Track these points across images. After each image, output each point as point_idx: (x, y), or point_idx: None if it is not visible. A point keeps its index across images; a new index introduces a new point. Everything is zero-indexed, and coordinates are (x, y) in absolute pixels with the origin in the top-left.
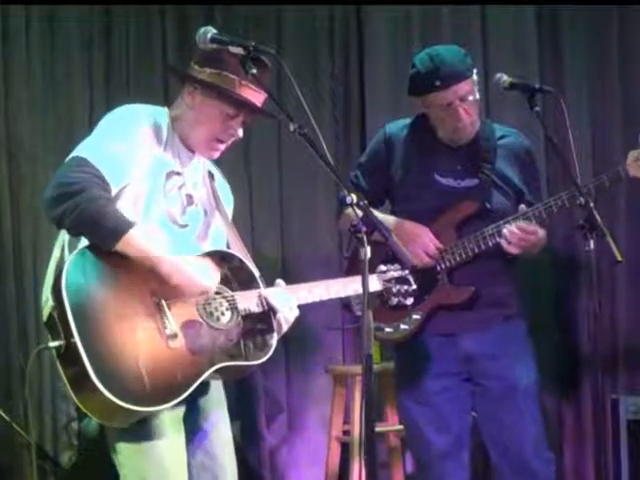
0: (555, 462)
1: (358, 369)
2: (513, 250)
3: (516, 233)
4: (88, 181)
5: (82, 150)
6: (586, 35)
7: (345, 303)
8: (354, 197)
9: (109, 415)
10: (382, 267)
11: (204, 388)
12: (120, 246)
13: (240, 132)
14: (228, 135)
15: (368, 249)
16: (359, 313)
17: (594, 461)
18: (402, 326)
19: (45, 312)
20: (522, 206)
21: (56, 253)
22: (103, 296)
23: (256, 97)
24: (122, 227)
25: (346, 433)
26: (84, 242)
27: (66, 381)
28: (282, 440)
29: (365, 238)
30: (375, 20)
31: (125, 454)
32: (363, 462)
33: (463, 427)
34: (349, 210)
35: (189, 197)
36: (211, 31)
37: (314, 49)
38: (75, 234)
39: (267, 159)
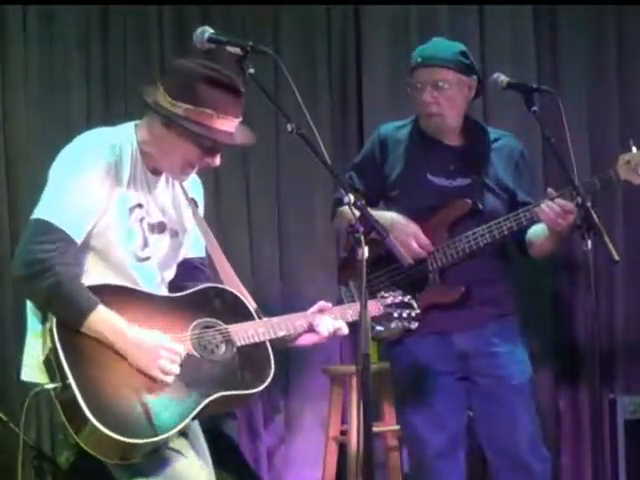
0: (552, 460)
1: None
2: (554, 227)
3: (555, 209)
4: (54, 255)
5: (42, 211)
6: (584, 35)
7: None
8: (352, 197)
9: (112, 452)
10: (383, 293)
11: None
12: (84, 329)
13: (218, 161)
14: (204, 164)
15: (366, 249)
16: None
17: (592, 460)
18: (393, 325)
19: (43, 352)
20: (549, 190)
21: None
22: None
23: (233, 125)
24: (84, 313)
25: (344, 433)
26: None
27: (66, 422)
28: (280, 440)
29: (363, 238)
30: (373, 20)
31: None
32: (360, 462)
33: (459, 426)
34: (344, 208)
35: (152, 226)
36: (208, 31)
37: (312, 49)
38: (43, 311)
39: (265, 161)
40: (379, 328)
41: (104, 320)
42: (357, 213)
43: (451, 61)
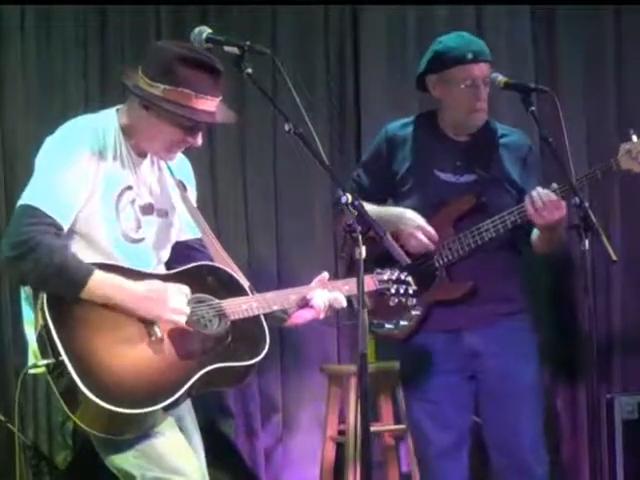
0: (549, 462)
1: (353, 368)
2: (537, 219)
3: (543, 197)
4: (41, 232)
5: (29, 197)
6: (581, 35)
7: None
8: (349, 197)
9: (106, 425)
10: (379, 270)
11: None
12: (84, 295)
13: (199, 140)
14: (187, 144)
15: (363, 249)
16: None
17: (589, 460)
18: (402, 322)
19: (36, 332)
20: (554, 185)
21: None
22: (86, 309)
23: (213, 105)
24: (82, 278)
25: (341, 433)
26: None
27: (60, 398)
28: (277, 440)
29: (360, 238)
30: (371, 20)
31: (125, 463)
32: (358, 462)
33: (464, 425)
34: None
35: (143, 208)
36: (206, 31)
37: (310, 49)
38: (38, 290)
39: (263, 159)
40: (388, 326)
41: (105, 282)
42: (354, 213)
43: (489, 56)
